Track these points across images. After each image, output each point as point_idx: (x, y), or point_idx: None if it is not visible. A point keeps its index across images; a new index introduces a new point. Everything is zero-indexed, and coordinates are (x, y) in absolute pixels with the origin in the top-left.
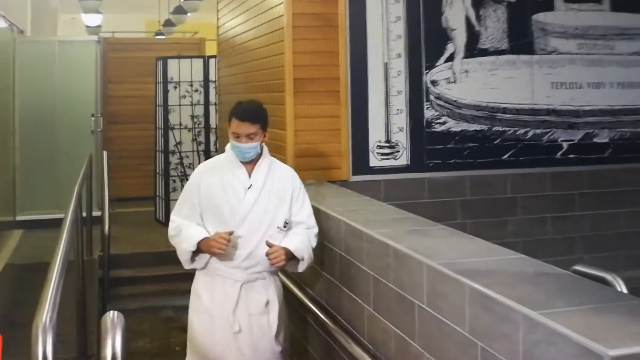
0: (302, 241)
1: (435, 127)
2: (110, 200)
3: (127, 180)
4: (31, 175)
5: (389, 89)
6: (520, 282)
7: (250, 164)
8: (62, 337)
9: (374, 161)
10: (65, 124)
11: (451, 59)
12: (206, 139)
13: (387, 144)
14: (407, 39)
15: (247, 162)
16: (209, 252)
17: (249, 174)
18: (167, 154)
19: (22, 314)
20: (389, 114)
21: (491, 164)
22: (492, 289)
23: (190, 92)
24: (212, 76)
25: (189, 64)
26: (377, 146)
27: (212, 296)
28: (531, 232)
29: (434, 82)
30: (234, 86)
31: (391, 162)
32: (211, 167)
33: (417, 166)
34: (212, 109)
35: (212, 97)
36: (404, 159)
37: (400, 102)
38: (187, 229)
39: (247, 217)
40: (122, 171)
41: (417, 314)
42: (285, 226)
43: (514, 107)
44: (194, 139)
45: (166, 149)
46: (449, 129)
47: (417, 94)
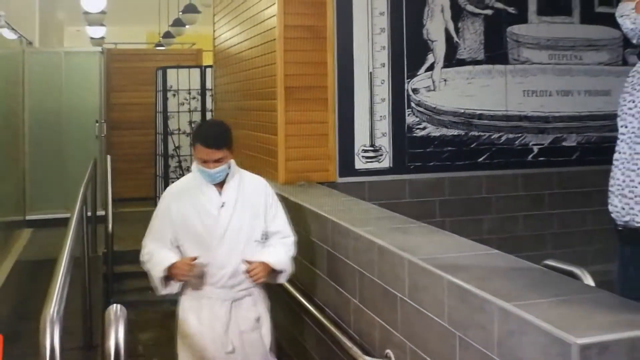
0: (280, 253)
1: (416, 132)
2: (113, 200)
3: (129, 182)
4: (40, 177)
5: (374, 96)
6: (494, 276)
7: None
8: (68, 329)
9: (359, 164)
10: (71, 130)
11: (431, 68)
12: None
13: (372, 148)
14: (391, 50)
15: None
16: (176, 279)
17: (220, 191)
18: (167, 157)
19: (31, 307)
20: (373, 120)
21: (467, 166)
22: (468, 282)
23: (188, 100)
24: (209, 84)
25: (187, 73)
26: (362, 150)
27: (201, 319)
28: (504, 229)
29: (415, 90)
30: (229, 94)
31: (375, 165)
32: (180, 190)
33: (399, 168)
34: (209, 115)
35: (209, 104)
36: (387, 162)
37: (383, 109)
38: (157, 255)
39: (225, 235)
40: (124, 174)
41: (400, 306)
42: (262, 238)
43: (489, 113)
44: (192, 144)
45: (166, 153)
46: (429, 134)
47: (399, 101)
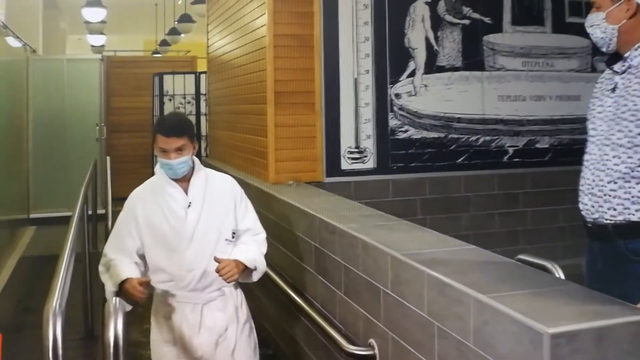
0: (251, 250)
1: (398, 134)
2: (113, 199)
3: (128, 182)
4: (43, 177)
5: (358, 101)
6: (471, 270)
7: (184, 181)
8: (70, 321)
9: (345, 165)
10: (73, 132)
11: (412, 74)
12: (198, 145)
13: (357, 150)
14: (374, 57)
15: (180, 180)
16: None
17: (186, 191)
18: None
19: (35, 300)
20: (358, 123)
21: (447, 167)
22: (447, 276)
23: (183, 104)
24: (203, 90)
25: (182, 79)
26: (348, 151)
27: (172, 324)
28: (481, 226)
29: (398, 95)
30: (222, 98)
31: (360, 166)
32: (144, 192)
33: (383, 169)
34: (203, 118)
35: (203, 108)
36: (371, 163)
37: (368, 112)
38: (114, 267)
39: (193, 236)
40: (123, 174)
41: (383, 298)
42: (233, 236)
43: (467, 117)
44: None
45: None
46: (411, 137)
47: (382, 105)
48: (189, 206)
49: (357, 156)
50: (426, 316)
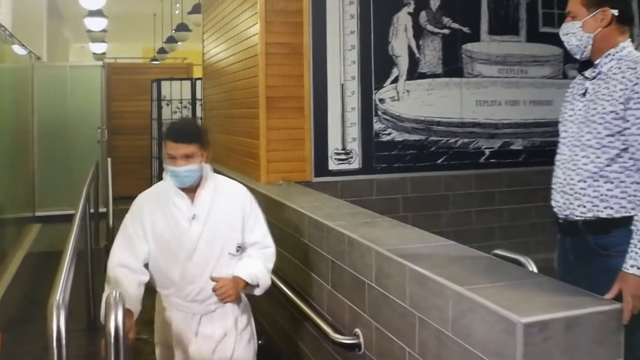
0: (255, 265)
1: (382, 137)
2: (113, 198)
3: (128, 182)
4: (47, 177)
5: (345, 105)
6: (450, 264)
7: (191, 190)
8: (73, 313)
9: (332, 165)
10: (75, 135)
11: (396, 81)
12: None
13: (343, 151)
14: (360, 64)
15: (188, 189)
16: None
17: (193, 200)
18: (161, 160)
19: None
20: (345, 127)
21: (428, 167)
22: (427, 269)
23: (180, 108)
24: (199, 95)
25: (179, 84)
26: (335, 153)
27: (171, 329)
28: (459, 222)
29: (382, 100)
30: (217, 103)
31: (346, 166)
32: (151, 198)
33: (367, 169)
34: (199, 122)
35: (199, 113)
36: (356, 164)
37: (353, 116)
38: (120, 286)
39: (195, 249)
40: (123, 174)
41: (367, 290)
42: (238, 250)
43: (446, 120)
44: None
45: (160, 156)
46: (394, 139)
47: (367, 110)
48: (193, 218)
49: (343, 157)
50: (408, 307)
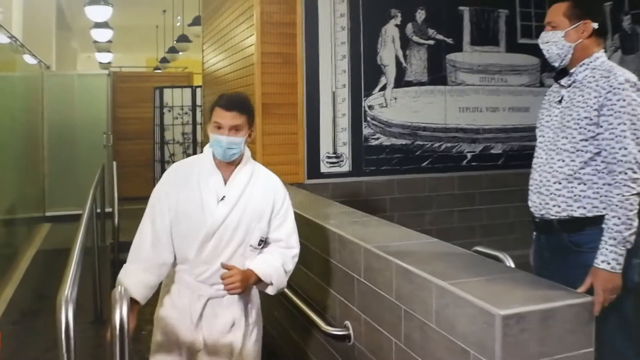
0: (271, 263)
1: (371, 141)
2: (118, 199)
3: (132, 183)
4: (57, 180)
5: (336, 112)
6: (433, 260)
7: (228, 169)
8: (81, 307)
9: (324, 168)
10: (83, 140)
11: (384, 88)
12: (194, 151)
13: (334, 155)
14: (350, 73)
15: (225, 167)
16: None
17: (225, 181)
18: (163, 163)
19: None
20: (336, 132)
21: (413, 170)
22: (412, 265)
23: (181, 115)
24: (199, 101)
25: (180, 92)
26: (326, 156)
27: (175, 306)
28: (443, 221)
29: (371, 107)
30: None
31: (337, 169)
32: (184, 168)
33: (357, 172)
34: (199, 127)
35: (199, 118)
36: (347, 167)
37: (344, 122)
38: (135, 275)
39: (217, 232)
40: (127, 177)
41: (357, 285)
42: (260, 244)
43: (431, 126)
44: (184, 152)
45: (162, 160)
46: (382, 143)
47: (357, 116)
48: (222, 199)
49: (334, 160)
50: (394, 300)
